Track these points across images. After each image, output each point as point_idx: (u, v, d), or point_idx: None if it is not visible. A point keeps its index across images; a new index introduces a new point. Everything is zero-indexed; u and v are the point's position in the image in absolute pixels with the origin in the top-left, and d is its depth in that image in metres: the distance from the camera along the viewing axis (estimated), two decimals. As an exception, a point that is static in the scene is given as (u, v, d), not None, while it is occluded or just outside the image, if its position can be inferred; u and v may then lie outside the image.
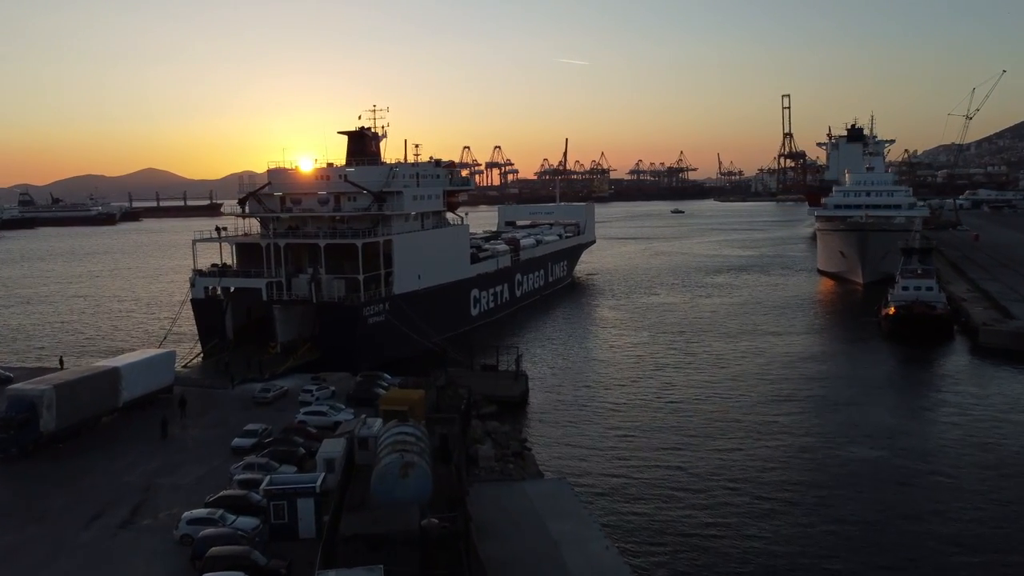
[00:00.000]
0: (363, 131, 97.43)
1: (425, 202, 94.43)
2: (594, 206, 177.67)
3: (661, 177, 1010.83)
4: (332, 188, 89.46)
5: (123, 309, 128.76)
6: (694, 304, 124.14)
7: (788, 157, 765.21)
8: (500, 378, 69.91)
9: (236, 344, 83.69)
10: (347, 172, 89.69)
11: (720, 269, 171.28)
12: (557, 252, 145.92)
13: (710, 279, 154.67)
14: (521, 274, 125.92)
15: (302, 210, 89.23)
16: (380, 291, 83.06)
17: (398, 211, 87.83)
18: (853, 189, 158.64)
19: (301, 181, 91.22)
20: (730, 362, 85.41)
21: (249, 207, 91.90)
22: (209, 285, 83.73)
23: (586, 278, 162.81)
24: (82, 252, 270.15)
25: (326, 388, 65.58)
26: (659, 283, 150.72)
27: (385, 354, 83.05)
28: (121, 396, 62.86)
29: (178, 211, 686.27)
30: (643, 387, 75.76)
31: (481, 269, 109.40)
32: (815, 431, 62.77)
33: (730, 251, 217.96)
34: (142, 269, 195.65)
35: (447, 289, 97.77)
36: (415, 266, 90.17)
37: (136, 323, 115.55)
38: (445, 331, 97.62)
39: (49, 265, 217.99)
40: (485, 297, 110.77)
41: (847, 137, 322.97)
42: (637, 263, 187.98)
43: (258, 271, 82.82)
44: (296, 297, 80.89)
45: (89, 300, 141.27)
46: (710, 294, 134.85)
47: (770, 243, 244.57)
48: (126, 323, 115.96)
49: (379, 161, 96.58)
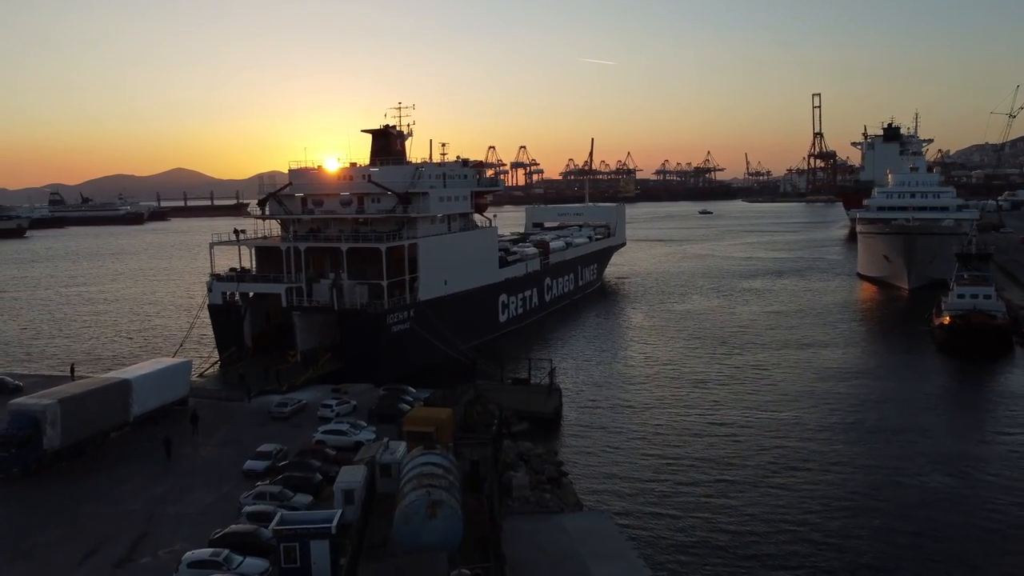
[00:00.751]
0: (388, 129, 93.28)
1: (452, 203, 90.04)
2: (624, 207, 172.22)
3: (687, 177, 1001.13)
4: (355, 189, 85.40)
5: (142, 313, 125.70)
6: (732, 311, 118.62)
7: (818, 157, 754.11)
8: (532, 392, 65.36)
9: (254, 352, 79.98)
10: (371, 172, 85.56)
11: (755, 273, 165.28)
12: (587, 255, 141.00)
13: (746, 284, 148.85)
14: (551, 278, 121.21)
15: (324, 212, 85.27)
16: (405, 297, 78.82)
17: (424, 213, 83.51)
18: (897, 190, 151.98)
19: (323, 181, 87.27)
20: (775, 378, 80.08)
21: (269, 208, 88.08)
22: (227, 291, 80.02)
23: (616, 282, 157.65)
24: (108, 252, 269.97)
25: (347, 403, 61.45)
26: (693, 288, 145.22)
27: (410, 364, 78.86)
28: (132, 410, 59.22)
29: (205, 211, 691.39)
30: (685, 405, 70.74)
31: (509, 274, 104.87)
32: (876, 460, 57.37)
33: (764, 254, 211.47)
34: (165, 270, 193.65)
35: (475, 295, 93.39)
36: (441, 271, 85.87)
37: (154, 328, 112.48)
38: (472, 339, 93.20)
39: (73, 265, 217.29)
40: (514, 303, 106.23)
41: (883, 136, 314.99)
42: (668, 266, 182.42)
43: (277, 276, 78.95)
44: (317, 304, 76.94)
45: (108, 303, 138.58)
46: (747, 300, 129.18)
47: (804, 245, 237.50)
48: (143, 328, 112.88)
49: (404, 161, 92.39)
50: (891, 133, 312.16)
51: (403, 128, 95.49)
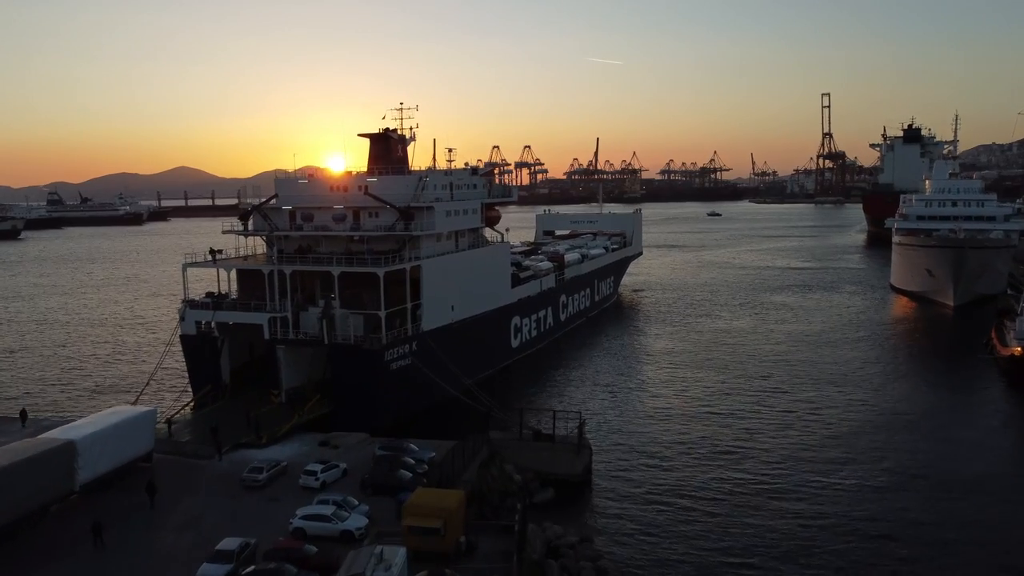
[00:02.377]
0: (388, 133, 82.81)
1: (460, 218, 79.50)
2: (641, 214, 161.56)
3: (692, 177, 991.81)
4: (350, 202, 74.97)
5: (113, 339, 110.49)
6: (765, 334, 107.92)
7: (827, 158, 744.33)
8: (557, 451, 55.03)
9: (233, 389, 69.70)
10: (368, 183, 75.06)
11: (782, 286, 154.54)
12: (604, 268, 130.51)
13: (774, 299, 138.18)
14: (566, 295, 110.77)
15: (315, 227, 74.84)
16: (406, 328, 68.41)
17: (428, 231, 72.99)
18: (936, 198, 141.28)
19: (314, 193, 76.87)
20: (828, 422, 69.67)
21: (253, 223, 77.67)
22: (202, 319, 69.63)
23: (633, 295, 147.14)
24: (100, 256, 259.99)
25: (335, 466, 51.16)
26: (717, 303, 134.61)
27: (411, 406, 68.63)
28: (78, 477, 49.01)
29: (206, 211, 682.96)
30: (727, 460, 60.33)
31: (523, 293, 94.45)
32: (961, 529, 47.33)
33: (784, 262, 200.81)
34: (152, 280, 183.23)
35: (485, 319, 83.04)
36: (448, 295, 75.48)
37: (124, 354, 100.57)
38: (482, 369, 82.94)
39: (60, 271, 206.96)
40: (527, 325, 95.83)
41: (903, 138, 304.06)
42: (686, 277, 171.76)
43: (260, 303, 68.57)
44: (304, 336, 66.59)
45: (81, 324, 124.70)
46: (780, 320, 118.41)
47: (825, 252, 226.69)
48: (113, 356, 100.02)
49: (406, 169, 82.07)
50: (912, 135, 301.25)
51: (405, 132, 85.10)
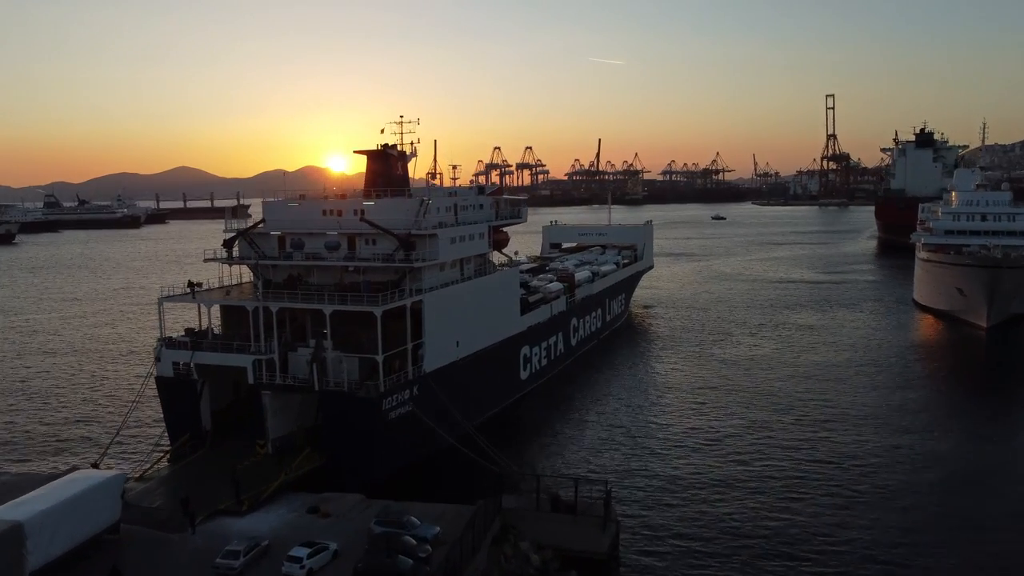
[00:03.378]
0: (386, 150, 75.86)
1: (466, 245, 72.39)
2: (652, 227, 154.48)
3: (694, 178, 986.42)
4: (345, 227, 67.97)
5: (86, 372, 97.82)
6: (789, 361, 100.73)
7: (832, 159, 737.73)
8: (580, 524, 48.07)
9: (215, 437, 62.81)
10: (364, 207, 68.02)
11: (799, 302, 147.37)
12: (615, 285, 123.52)
13: (794, 318, 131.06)
14: (577, 318, 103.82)
15: (306, 256, 67.84)
16: (406, 371, 61.45)
17: (431, 260, 65.92)
18: (964, 211, 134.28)
19: (305, 218, 69.89)
20: (879, 473, 62.80)
21: (239, 249, 70.69)
22: (179, 360, 62.67)
23: (643, 312, 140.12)
24: (93, 263, 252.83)
25: (324, 547, 44.22)
26: (733, 323, 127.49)
27: (411, 456, 61.78)
28: (27, 563, 42.06)
29: (205, 213, 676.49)
30: (771, 525, 53.48)
31: (533, 320, 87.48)
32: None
33: (798, 273, 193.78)
34: (141, 295, 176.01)
35: (493, 353, 76.08)
36: (452, 331, 68.50)
37: (96, 395, 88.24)
38: (490, 407, 76.23)
39: (46, 282, 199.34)
40: (537, 354, 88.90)
41: (915, 142, 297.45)
42: (698, 291, 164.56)
43: (243, 344, 61.56)
44: (293, 381, 59.65)
45: (52, 351, 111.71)
46: (804, 344, 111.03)
47: (837, 262, 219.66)
48: (81, 397, 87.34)
49: (406, 189, 75.19)
50: (924, 139, 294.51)
51: (405, 147, 78.25)
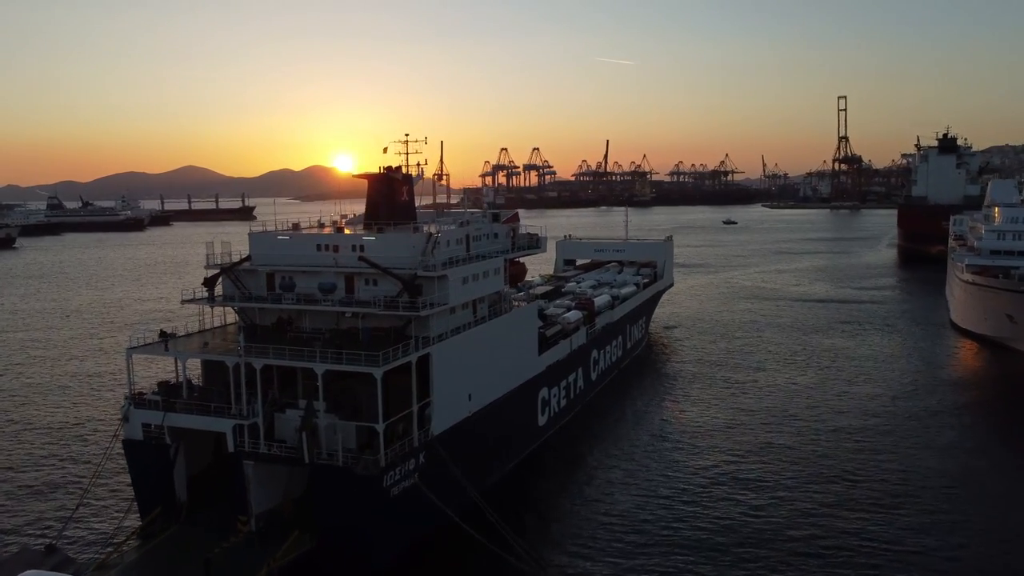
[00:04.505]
0: (389, 173, 67.44)
1: (480, 283, 63.75)
2: (672, 242, 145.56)
3: (702, 179, 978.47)
4: (342, 264, 59.49)
5: (49, 422, 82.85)
6: (830, 398, 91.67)
7: (843, 161, 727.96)
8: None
9: (191, 509, 54.61)
10: (364, 243, 59.51)
11: (828, 323, 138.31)
12: (636, 309, 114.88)
13: (825, 343, 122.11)
14: (598, 350, 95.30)
15: (297, 297, 59.38)
16: (411, 437, 53.06)
17: (441, 304, 57.41)
18: (1009, 228, 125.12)
19: (297, 252, 61.39)
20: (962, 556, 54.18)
21: (222, 287, 62.34)
22: (150, 422, 54.43)
23: (664, 335, 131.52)
24: (86, 272, 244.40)
25: None
26: (760, 348, 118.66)
27: (413, 535, 53.45)
28: None
29: (210, 214, 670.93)
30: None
31: (551, 358, 78.98)
32: None
33: (822, 288, 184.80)
34: (129, 313, 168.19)
35: (508, 401, 67.66)
36: (464, 383, 60.06)
37: (58, 452, 73.75)
38: (504, 463, 67.94)
39: (38, 293, 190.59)
40: (556, 395, 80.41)
41: (938, 148, 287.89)
42: (719, 309, 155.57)
43: (222, 406, 53.17)
44: (280, 450, 51.30)
45: (17, 389, 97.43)
46: (841, 374, 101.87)
47: (860, 274, 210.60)
48: (39, 455, 73.06)
49: (413, 222, 66.85)
50: (947, 144, 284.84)
51: (411, 169, 69.89)
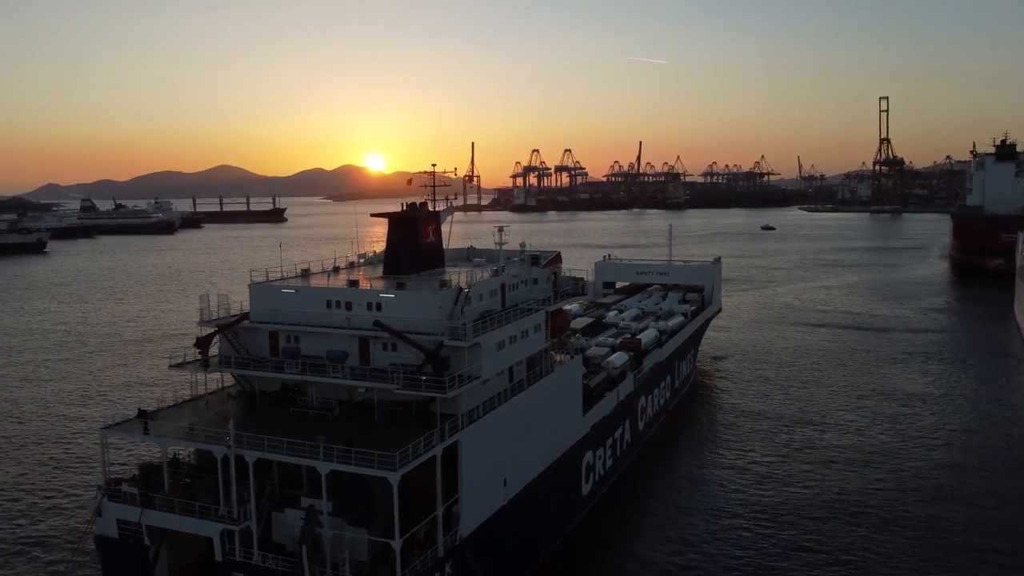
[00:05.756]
0: (413, 212, 58.30)
1: (518, 347, 54.13)
2: (721, 264, 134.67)
3: (736, 180, 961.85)
4: (355, 324, 50.42)
5: (21, 506, 67.08)
6: (915, 458, 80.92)
7: (884, 164, 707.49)
8: None
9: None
10: (381, 299, 50.33)
11: (893, 354, 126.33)
12: (686, 343, 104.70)
13: (892, 380, 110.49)
14: (646, 396, 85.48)
15: (303, 363, 50.38)
16: (435, 547, 43.77)
17: (472, 377, 48.09)
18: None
19: (304, 309, 52.41)
20: None
21: (219, 347, 53.61)
22: (128, 518, 45.78)
23: (711, 366, 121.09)
24: (111, 280, 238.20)
25: None
26: (821, 387, 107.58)
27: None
28: None
29: (241, 216, 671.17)
30: None
31: (597, 415, 69.29)
32: None
33: (876, 308, 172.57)
34: (147, 330, 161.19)
35: (549, 476, 58.16)
36: (498, 469, 50.66)
37: (22, 556, 58.76)
38: (543, 547, 58.24)
39: (54, 307, 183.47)
40: (601, 456, 70.71)
41: (996, 155, 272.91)
42: (769, 335, 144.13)
43: (209, 505, 44.32)
44: (276, 564, 42.31)
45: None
46: (924, 427, 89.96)
47: (916, 292, 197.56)
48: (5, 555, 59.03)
49: (439, 262, 57.61)
50: (1005, 151, 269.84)
51: (437, 204, 60.77)
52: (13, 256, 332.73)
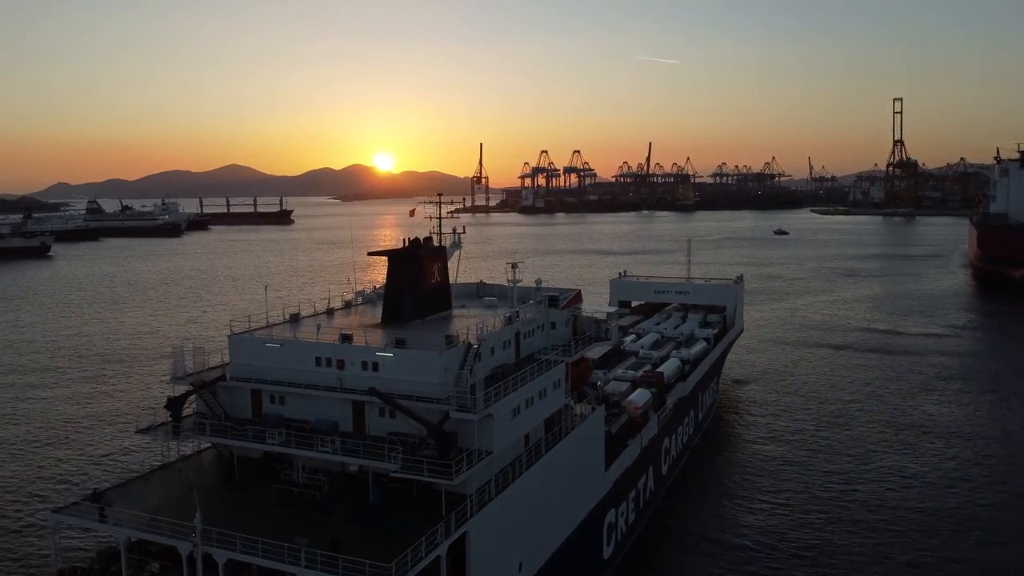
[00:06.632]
0: (416, 250, 51.69)
1: (535, 409, 47.42)
2: (743, 283, 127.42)
3: (746, 181, 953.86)
4: (348, 385, 43.73)
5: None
6: (966, 492, 74.08)
7: (898, 166, 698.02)
8: None
9: None
10: (378, 358, 43.76)
11: (927, 381, 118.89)
12: (709, 371, 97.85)
13: (928, 409, 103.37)
14: (670, 437, 78.71)
15: (286, 431, 43.73)
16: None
17: (484, 452, 41.42)
18: None
19: (290, 367, 45.83)
20: None
21: (195, 407, 47.04)
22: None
23: (733, 391, 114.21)
24: (111, 290, 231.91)
25: None
26: (852, 416, 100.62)
27: None
28: None
29: (248, 218, 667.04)
30: None
31: (619, 468, 62.53)
32: None
33: (902, 324, 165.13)
34: (130, 354, 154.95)
35: (568, 549, 51.46)
36: (513, 554, 43.99)
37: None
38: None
39: (45, 321, 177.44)
40: (624, 513, 64.01)
41: (1020, 161, 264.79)
42: (793, 357, 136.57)
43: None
44: None
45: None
46: (976, 474, 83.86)
47: (941, 305, 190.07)
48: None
49: (446, 304, 50.98)
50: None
51: (443, 238, 54.19)
52: (16, 261, 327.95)
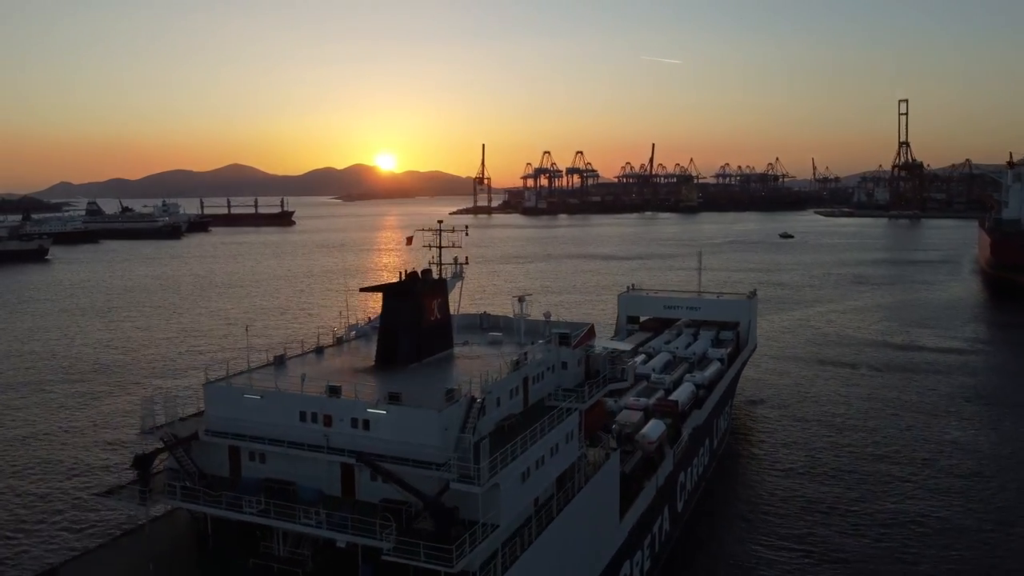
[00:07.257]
0: (412, 285, 46.81)
1: (546, 471, 42.49)
2: (757, 298, 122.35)
3: (749, 181, 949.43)
4: (336, 444, 38.92)
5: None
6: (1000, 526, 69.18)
7: (904, 168, 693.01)
8: None
9: None
10: (369, 415, 38.92)
11: (952, 403, 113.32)
12: (724, 395, 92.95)
13: (953, 435, 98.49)
14: (685, 472, 73.81)
15: (268, 500, 38.87)
16: None
17: (490, 525, 36.63)
18: None
19: (272, 421, 41.02)
20: None
21: (166, 465, 42.23)
22: None
23: (747, 412, 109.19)
24: (105, 296, 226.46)
25: None
26: (874, 441, 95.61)
27: None
28: None
29: (249, 219, 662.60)
30: None
31: (635, 513, 57.66)
32: None
33: (919, 337, 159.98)
34: (114, 377, 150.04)
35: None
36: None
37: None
38: None
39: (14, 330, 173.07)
40: (639, 562, 59.15)
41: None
42: (808, 375, 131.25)
43: None
44: None
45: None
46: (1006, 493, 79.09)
47: (956, 315, 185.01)
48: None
49: (447, 343, 46.12)
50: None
51: (443, 271, 49.34)
52: (13, 264, 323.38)
